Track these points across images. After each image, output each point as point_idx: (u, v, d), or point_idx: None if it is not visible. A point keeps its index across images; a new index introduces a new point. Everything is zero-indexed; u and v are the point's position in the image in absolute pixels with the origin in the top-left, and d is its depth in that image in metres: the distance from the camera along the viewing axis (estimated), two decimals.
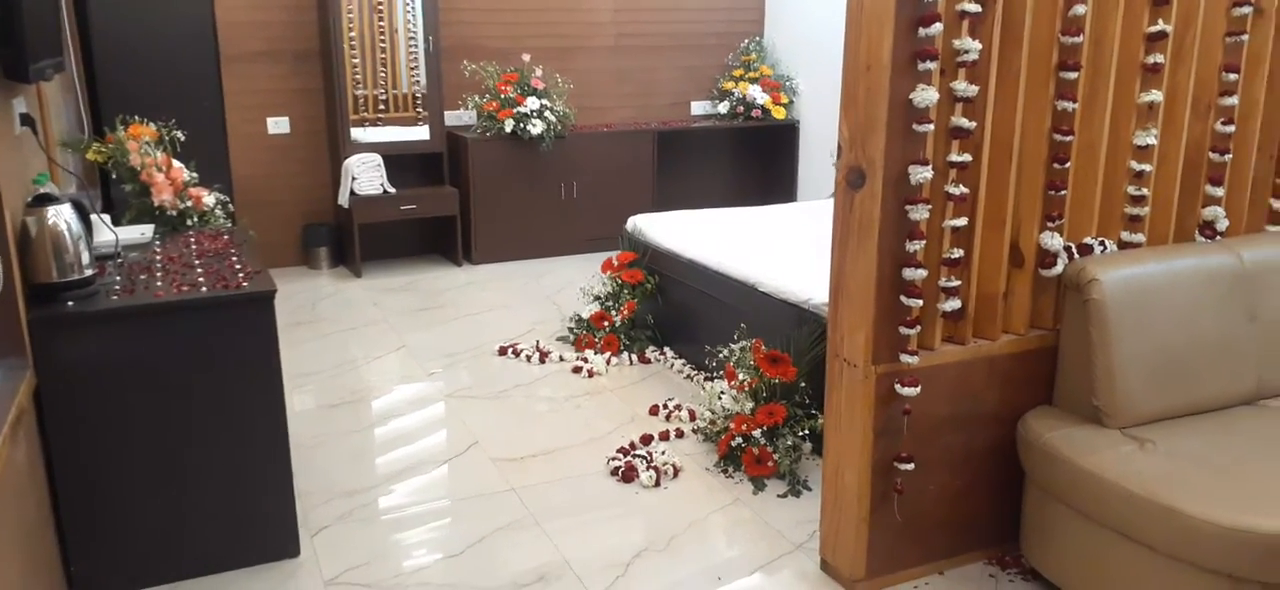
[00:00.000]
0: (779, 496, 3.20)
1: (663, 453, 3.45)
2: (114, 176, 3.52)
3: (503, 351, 4.55)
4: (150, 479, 2.61)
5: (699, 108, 7.12)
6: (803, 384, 3.37)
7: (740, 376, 3.46)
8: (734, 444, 3.34)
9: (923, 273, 2.45)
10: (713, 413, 3.58)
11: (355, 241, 5.89)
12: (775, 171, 7.11)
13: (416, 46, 6.05)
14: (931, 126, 2.38)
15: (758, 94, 6.80)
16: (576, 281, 5.56)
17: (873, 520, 2.65)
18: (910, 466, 2.60)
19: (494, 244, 6.24)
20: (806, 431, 3.33)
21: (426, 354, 4.60)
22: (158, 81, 4.98)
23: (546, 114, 6.08)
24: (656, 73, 6.94)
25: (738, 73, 6.97)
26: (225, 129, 5.29)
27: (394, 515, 3.10)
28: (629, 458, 3.41)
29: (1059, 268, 2.67)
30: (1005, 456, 2.74)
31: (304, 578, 2.75)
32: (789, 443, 3.30)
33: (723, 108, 6.94)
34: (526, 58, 6.26)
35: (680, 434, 3.65)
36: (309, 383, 4.22)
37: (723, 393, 3.57)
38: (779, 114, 6.84)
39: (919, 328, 2.52)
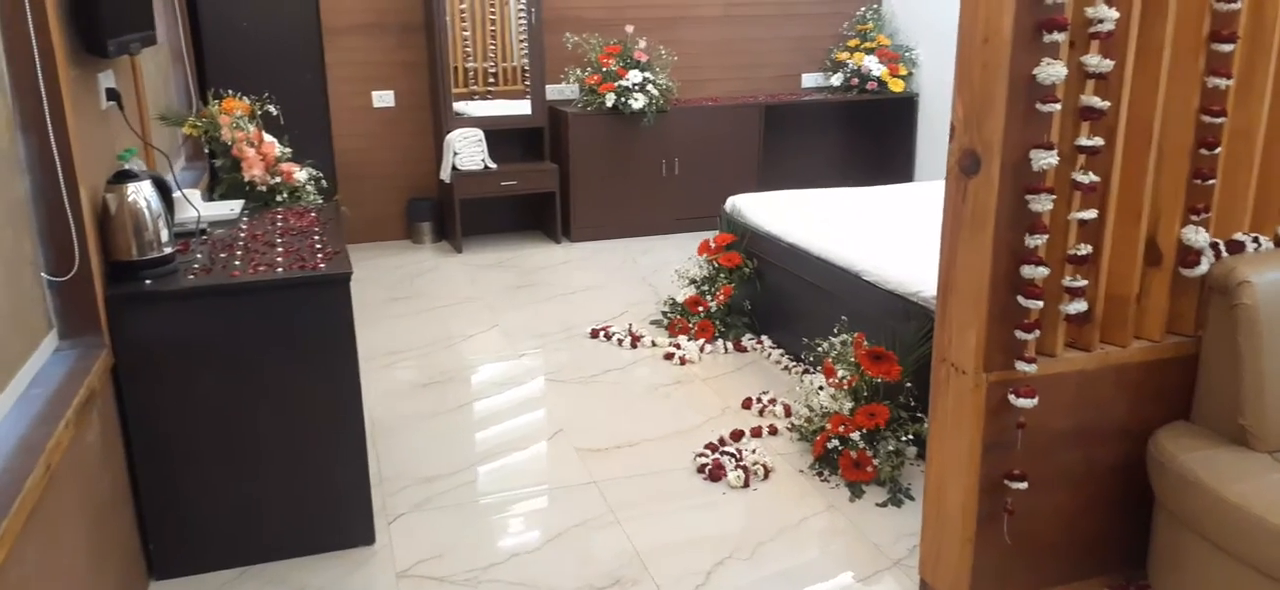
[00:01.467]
0: (878, 505, 2.97)
1: (753, 450, 3.25)
2: (207, 151, 3.53)
3: (595, 334, 4.43)
4: (225, 461, 2.59)
5: (810, 80, 6.82)
6: (908, 384, 3.12)
7: (840, 373, 3.23)
8: (830, 446, 3.12)
9: (1044, 271, 2.18)
10: (810, 410, 3.36)
11: (456, 217, 5.87)
12: (891, 149, 6.74)
13: (523, 18, 5.96)
14: (1058, 106, 2.09)
15: (874, 65, 6.45)
16: (674, 262, 5.37)
17: (978, 540, 2.40)
18: (1023, 485, 2.33)
19: (592, 221, 6.13)
20: (911, 436, 3.08)
21: (519, 334, 4.52)
22: (262, 54, 5.05)
23: (649, 87, 5.91)
24: (765, 43, 6.66)
25: (853, 43, 6.62)
26: (327, 102, 5.33)
27: (472, 505, 3.02)
28: (717, 455, 3.23)
29: (1203, 267, 2.34)
30: (1131, 477, 2.45)
31: (376, 568, 2.69)
32: (891, 447, 3.06)
33: (835, 80, 6.62)
34: (630, 29, 6.09)
35: (773, 431, 3.45)
36: (400, 361, 4.19)
37: (820, 389, 3.35)
38: (897, 87, 6.48)
39: (1038, 332, 2.24)
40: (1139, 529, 2.49)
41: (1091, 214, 2.21)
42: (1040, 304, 2.20)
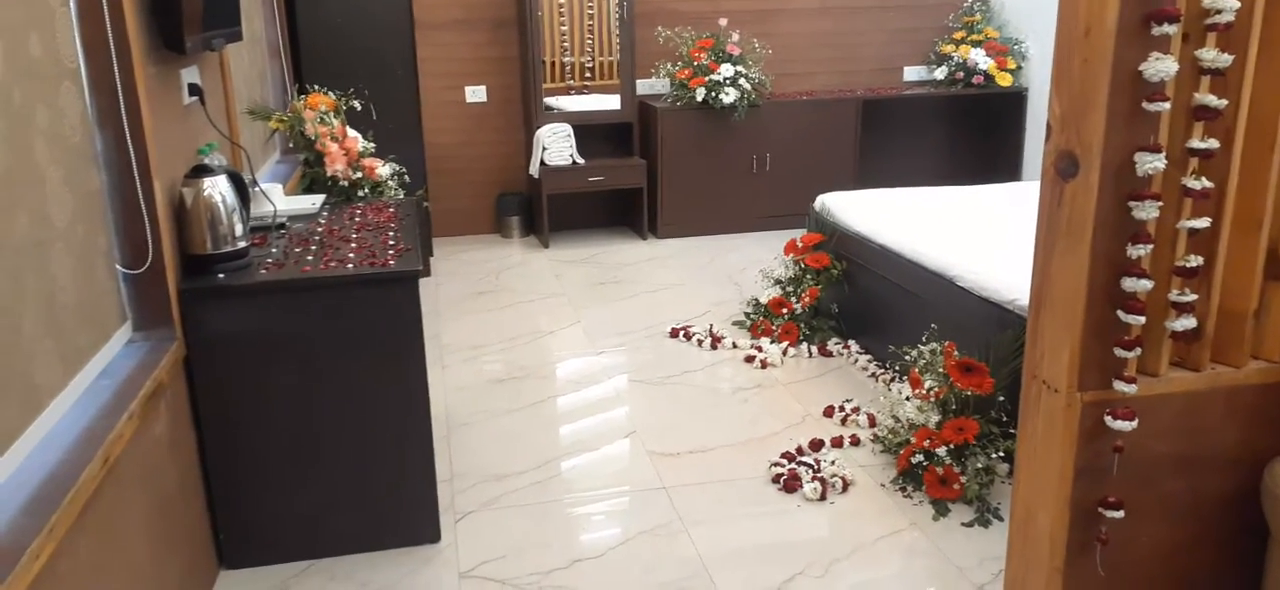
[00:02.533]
0: (964, 525, 2.80)
1: (833, 461, 3.11)
2: (291, 146, 3.58)
3: (674, 334, 4.34)
4: (293, 454, 2.60)
5: (912, 73, 6.56)
6: (1001, 398, 2.93)
7: (927, 384, 3.06)
8: (915, 460, 2.96)
9: (1148, 284, 1.98)
10: (895, 421, 3.20)
11: (544, 212, 5.86)
12: (998, 146, 6.43)
13: (616, 12, 5.90)
14: (1167, 105, 1.90)
15: (981, 58, 6.16)
16: (762, 261, 5.24)
17: (1068, 572, 2.21)
18: (1119, 514, 2.14)
19: (680, 218, 6.04)
20: (1002, 453, 2.89)
21: (600, 331, 4.47)
22: (355, 50, 5.13)
23: (741, 81, 5.77)
24: (864, 35, 6.44)
25: (959, 35, 6.35)
26: (418, 96, 5.39)
27: (540, 506, 2.97)
28: (794, 464, 3.11)
29: None
30: (1242, 510, 2.22)
31: (440, 566, 2.67)
32: (980, 464, 2.88)
33: (939, 73, 6.35)
34: (723, 22, 5.97)
35: (856, 441, 3.30)
36: (479, 355, 4.19)
37: (907, 399, 3.18)
38: (1004, 81, 6.18)
39: (1139, 350, 2.05)
40: (1250, 568, 2.26)
41: (1203, 222, 2.00)
42: (1142, 319, 2.01)
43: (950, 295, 3.36)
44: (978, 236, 3.66)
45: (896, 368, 3.49)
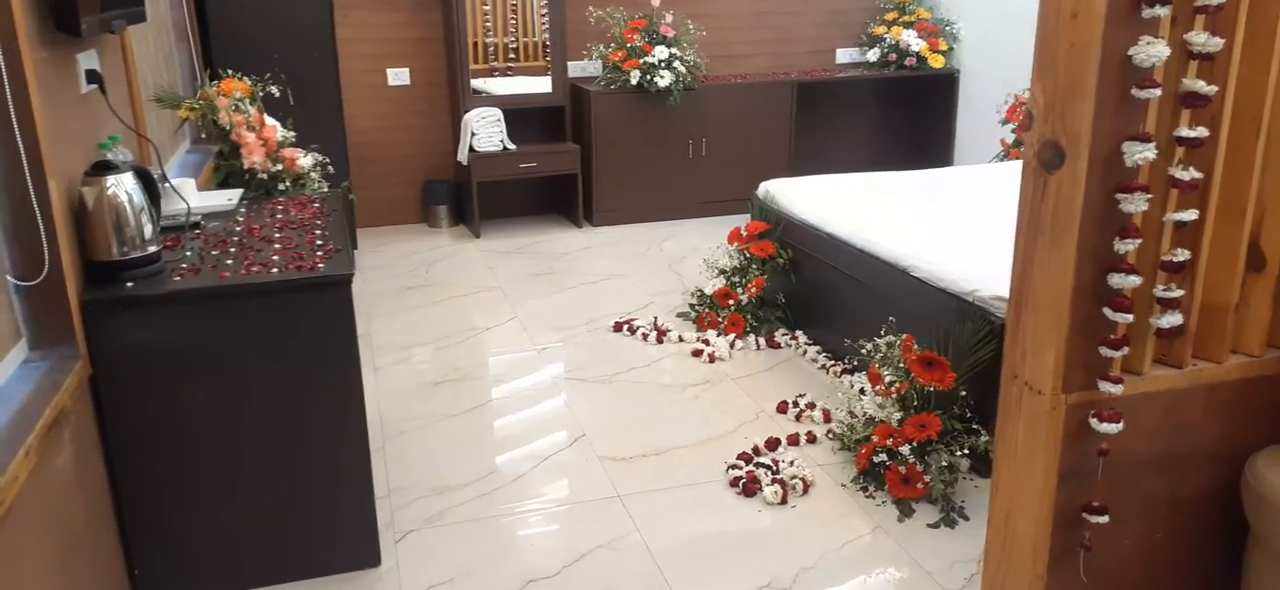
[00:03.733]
0: (929, 526, 2.72)
1: (791, 462, 3.00)
2: (203, 136, 3.30)
3: (618, 328, 4.18)
4: (216, 478, 2.37)
5: (845, 56, 6.50)
6: (963, 393, 2.85)
7: (887, 379, 2.96)
8: (877, 459, 2.86)
9: (1136, 280, 1.90)
10: (852, 417, 3.11)
11: (474, 200, 5.63)
12: (930, 130, 6.42)
13: None
14: (1157, 92, 1.81)
15: (913, 40, 6.13)
16: (702, 248, 5.12)
17: (1050, 579, 2.14)
18: (1104, 519, 2.06)
19: (616, 205, 5.87)
20: (966, 450, 2.82)
21: (539, 326, 4.28)
22: (270, 32, 4.81)
23: (675, 64, 5.62)
24: (798, 17, 6.35)
25: (891, 16, 6.31)
26: (339, 80, 5.09)
27: (487, 521, 2.79)
28: (751, 466, 2.98)
29: None
30: (1222, 507, 2.17)
31: None
32: (944, 462, 2.80)
33: (872, 55, 6.31)
34: (656, 3, 5.80)
35: (812, 438, 3.19)
36: (412, 355, 3.97)
37: (864, 395, 3.09)
38: (937, 63, 6.16)
39: (1126, 348, 1.97)
40: (1230, 564, 2.21)
41: (1191, 215, 1.93)
42: (1130, 317, 1.93)
43: (904, 285, 3.28)
44: (928, 224, 3.59)
45: (851, 361, 3.38)
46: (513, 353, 4.01)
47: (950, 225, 3.55)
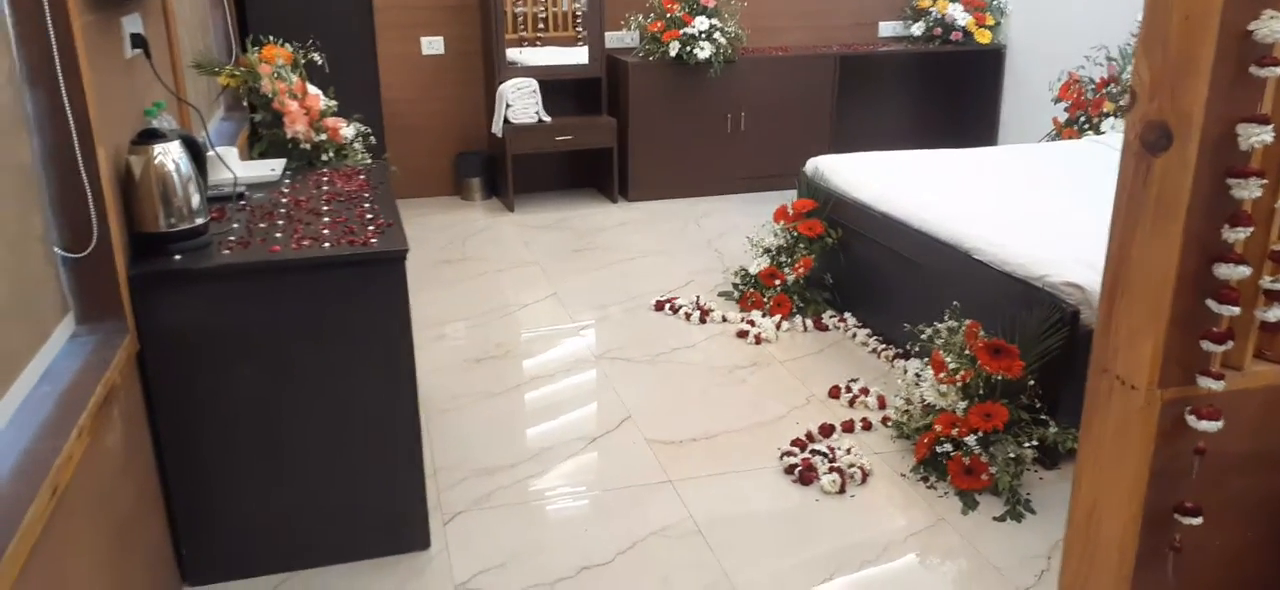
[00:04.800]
0: (995, 519, 2.62)
1: (847, 449, 2.91)
2: (244, 103, 3.21)
3: (659, 306, 4.09)
4: (265, 457, 2.30)
5: (888, 29, 6.35)
6: (1031, 382, 2.74)
7: (951, 365, 2.86)
8: (939, 449, 2.77)
9: (1245, 270, 1.78)
10: (909, 403, 3.01)
11: (508, 173, 5.53)
12: (974, 107, 6.26)
13: None
14: (1278, 70, 1.69)
15: (959, 14, 5.97)
16: (740, 225, 5.02)
17: (1136, 580, 2.04)
18: (1197, 520, 1.96)
19: (652, 180, 5.75)
20: (1034, 441, 2.71)
21: (578, 303, 4.19)
22: None
23: (716, 35, 5.49)
24: None
25: None
26: (375, 49, 4.99)
27: (536, 504, 2.71)
28: (806, 453, 2.89)
29: None
30: None
31: (433, 577, 2.40)
32: (1010, 454, 2.70)
33: (916, 29, 6.15)
34: None
35: (867, 425, 3.10)
36: (453, 332, 3.89)
37: (923, 380, 2.98)
38: (983, 38, 5.99)
39: (1231, 342, 1.86)
40: None
41: None
42: (1237, 310, 1.82)
43: (965, 268, 3.16)
44: (989, 204, 3.46)
45: (911, 347, 3.27)
46: (552, 330, 3.93)
47: (1011, 206, 3.43)
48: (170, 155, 2.18)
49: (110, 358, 1.92)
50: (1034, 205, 3.46)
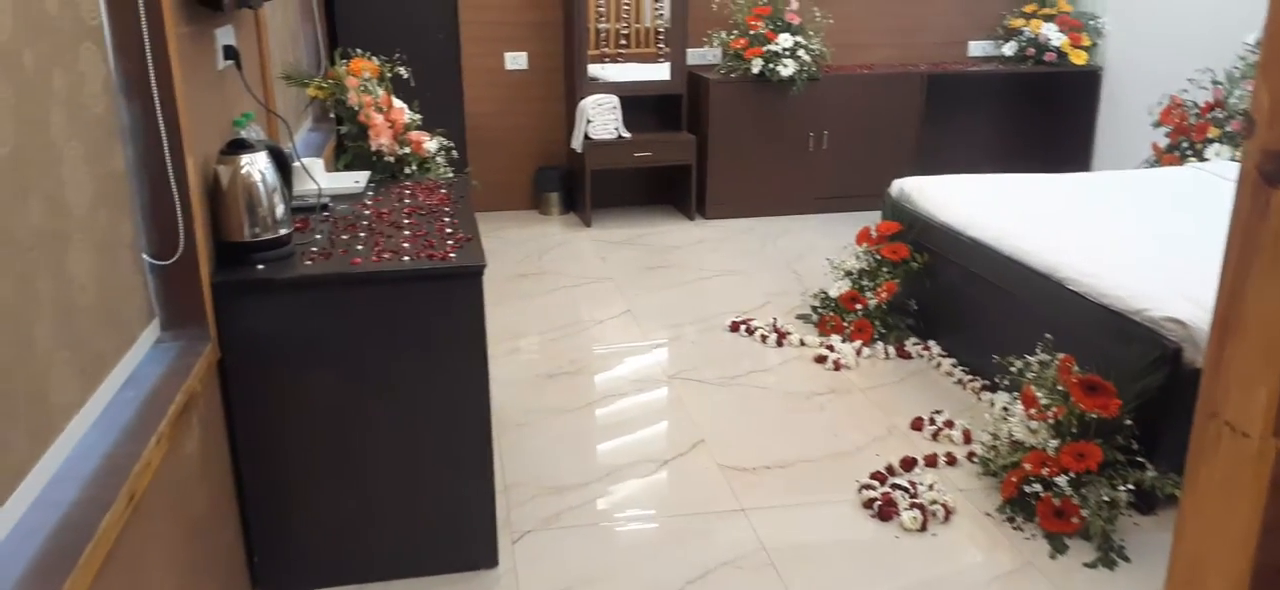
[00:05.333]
0: (1086, 565, 2.49)
1: (930, 485, 2.80)
2: (331, 115, 3.27)
3: (735, 327, 4.02)
4: (337, 468, 2.31)
5: (977, 48, 6.18)
6: (1127, 422, 2.60)
7: (1042, 401, 2.73)
8: (1027, 488, 2.64)
9: None
10: (997, 439, 2.88)
11: (586, 189, 5.53)
12: (1067, 131, 6.03)
13: None
14: None
15: (1053, 33, 5.77)
16: (820, 246, 4.92)
17: None
18: None
19: (730, 197, 5.69)
20: (1130, 485, 2.57)
21: (652, 321, 4.16)
22: (394, 12, 4.78)
23: (800, 52, 5.41)
24: (929, 6, 6.05)
25: (1030, 8, 5.95)
26: (460, 63, 5.05)
27: (605, 526, 2.67)
28: (886, 487, 2.79)
29: None
30: None
31: None
32: (1104, 497, 2.56)
33: (1008, 49, 5.97)
34: None
35: (951, 460, 2.98)
36: (526, 346, 3.89)
37: (1011, 415, 2.86)
38: (1078, 59, 5.79)
39: None
40: None
41: None
42: None
43: (1058, 299, 3.03)
44: (1085, 232, 3.31)
45: (1001, 381, 3.13)
46: (626, 347, 3.90)
47: (1108, 234, 3.28)
48: (257, 165, 2.21)
49: (191, 365, 1.94)
50: (1132, 234, 3.30)
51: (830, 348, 3.76)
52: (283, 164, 2.32)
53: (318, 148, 3.63)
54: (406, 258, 2.27)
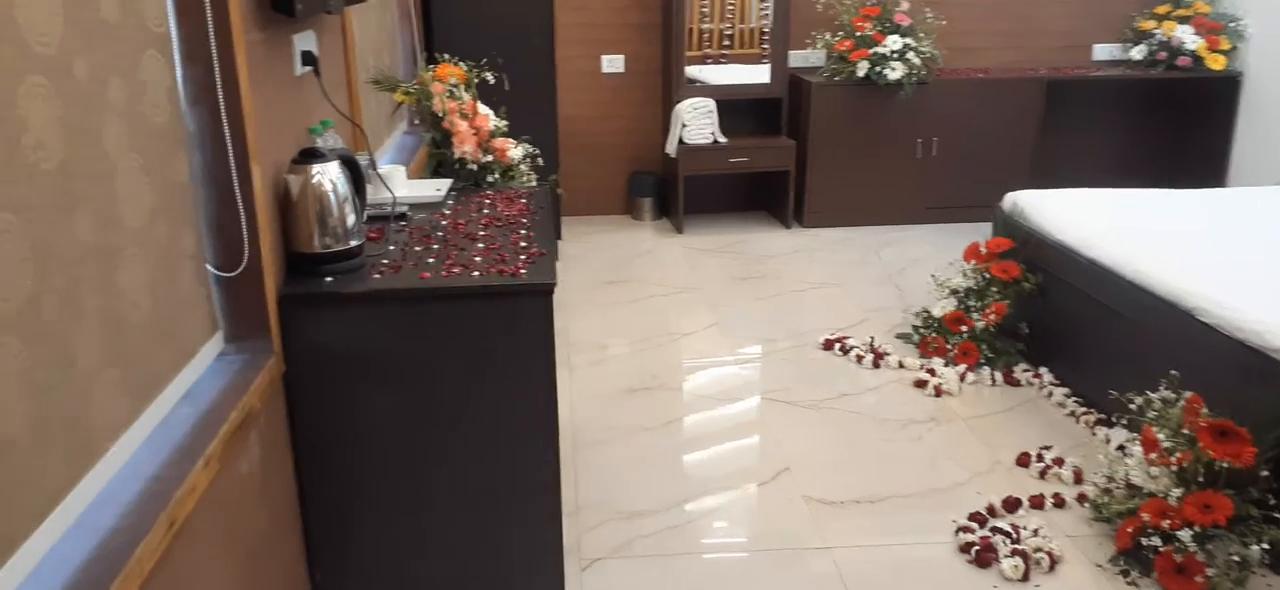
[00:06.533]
0: None
1: (1035, 531, 2.57)
2: (417, 122, 3.23)
3: (829, 345, 3.83)
4: (400, 487, 2.24)
5: (1103, 51, 5.78)
6: (1263, 472, 2.32)
7: (1165, 444, 2.47)
8: (1144, 540, 2.39)
9: None
10: (1112, 482, 2.63)
11: (679, 194, 5.40)
12: (1201, 142, 5.59)
13: None
14: None
15: (1188, 36, 5.35)
16: (925, 260, 4.67)
17: None
18: None
19: (830, 205, 5.47)
20: (1265, 544, 2.29)
21: (740, 335, 4.00)
22: (491, 14, 4.76)
23: (909, 55, 5.15)
24: (1049, 6, 5.70)
25: (1162, 9, 5.54)
26: (554, 66, 4.98)
27: (680, 557, 2.54)
28: (986, 529, 2.58)
29: None
30: None
31: None
32: (1233, 554, 2.29)
33: (1136, 52, 5.57)
34: None
35: (1059, 502, 2.74)
36: (607, 356, 3.79)
37: (1128, 456, 2.60)
38: (1216, 64, 5.35)
39: None
40: None
41: None
42: None
43: (1187, 330, 2.75)
44: (1219, 257, 3.00)
45: (1114, 415, 2.87)
46: (711, 363, 3.75)
47: (1245, 260, 2.97)
48: (328, 175, 2.16)
49: (252, 380, 1.89)
50: (1273, 261, 2.97)
51: (931, 372, 3.54)
52: (356, 172, 2.27)
53: (411, 152, 3.61)
54: (476, 272, 2.19)
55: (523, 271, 2.19)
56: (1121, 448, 2.74)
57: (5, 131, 1.24)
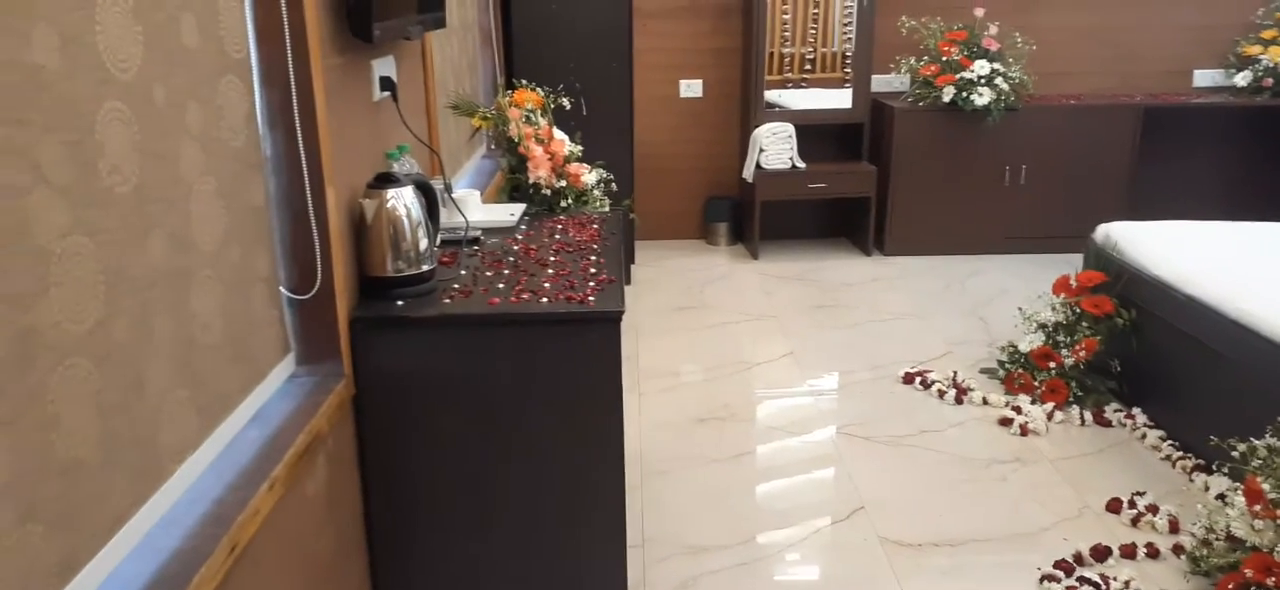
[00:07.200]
0: None
1: (1126, 583, 2.43)
2: (493, 146, 3.24)
3: (909, 379, 3.71)
4: (465, 513, 2.23)
5: (1204, 78, 5.53)
6: None
7: (1270, 495, 2.30)
8: None
9: None
10: (1211, 533, 2.47)
11: (756, 220, 5.33)
12: None
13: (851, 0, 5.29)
14: None
15: None
16: (1012, 292, 4.51)
17: None
18: None
19: (911, 233, 5.34)
20: None
21: (817, 365, 3.91)
22: (570, 39, 4.78)
23: (997, 80, 5.00)
24: (1146, 31, 5.48)
25: (1269, 34, 5.27)
26: (632, 91, 4.98)
27: None
28: (1073, 579, 2.44)
29: None
30: None
31: None
32: None
33: (1240, 79, 5.30)
34: (980, 13, 5.20)
35: (1153, 552, 2.58)
36: (678, 384, 3.74)
37: (1230, 506, 2.44)
38: None
39: None
40: None
41: None
42: None
43: None
44: None
45: (1213, 462, 2.71)
46: (785, 394, 3.67)
47: None
48: (402, 200, 2.17)
49: (320, 403, 1.90)
50: None
51: (1017, 409, 3.39)
52: (430, 197, 2.28)
53: (488, 176, 3.63)
54: (545, 299, 2.17)
55: (591, 299, 2.17)
56: (1222, 497, 2.58)
57: (83, 156, 1.26)
